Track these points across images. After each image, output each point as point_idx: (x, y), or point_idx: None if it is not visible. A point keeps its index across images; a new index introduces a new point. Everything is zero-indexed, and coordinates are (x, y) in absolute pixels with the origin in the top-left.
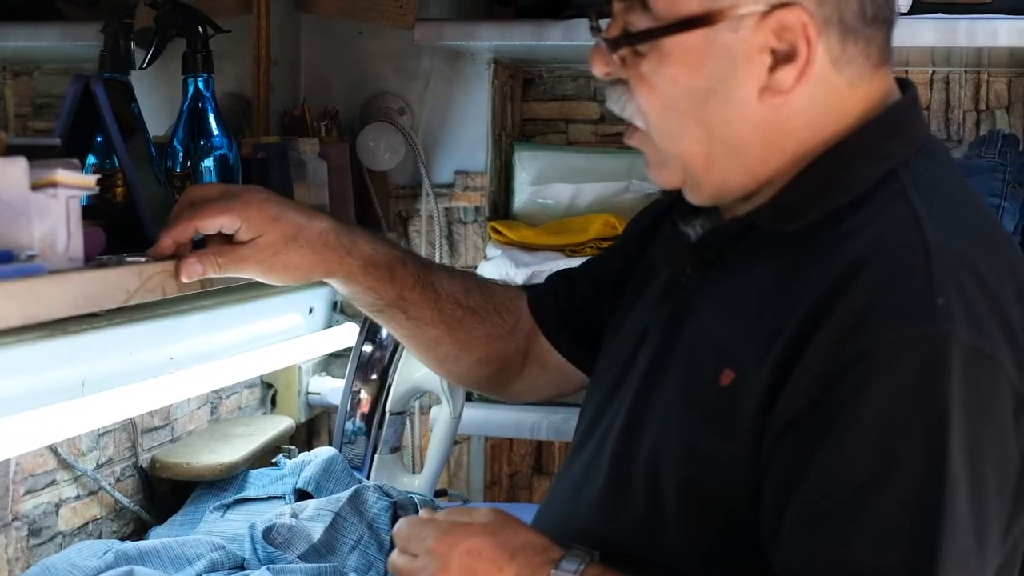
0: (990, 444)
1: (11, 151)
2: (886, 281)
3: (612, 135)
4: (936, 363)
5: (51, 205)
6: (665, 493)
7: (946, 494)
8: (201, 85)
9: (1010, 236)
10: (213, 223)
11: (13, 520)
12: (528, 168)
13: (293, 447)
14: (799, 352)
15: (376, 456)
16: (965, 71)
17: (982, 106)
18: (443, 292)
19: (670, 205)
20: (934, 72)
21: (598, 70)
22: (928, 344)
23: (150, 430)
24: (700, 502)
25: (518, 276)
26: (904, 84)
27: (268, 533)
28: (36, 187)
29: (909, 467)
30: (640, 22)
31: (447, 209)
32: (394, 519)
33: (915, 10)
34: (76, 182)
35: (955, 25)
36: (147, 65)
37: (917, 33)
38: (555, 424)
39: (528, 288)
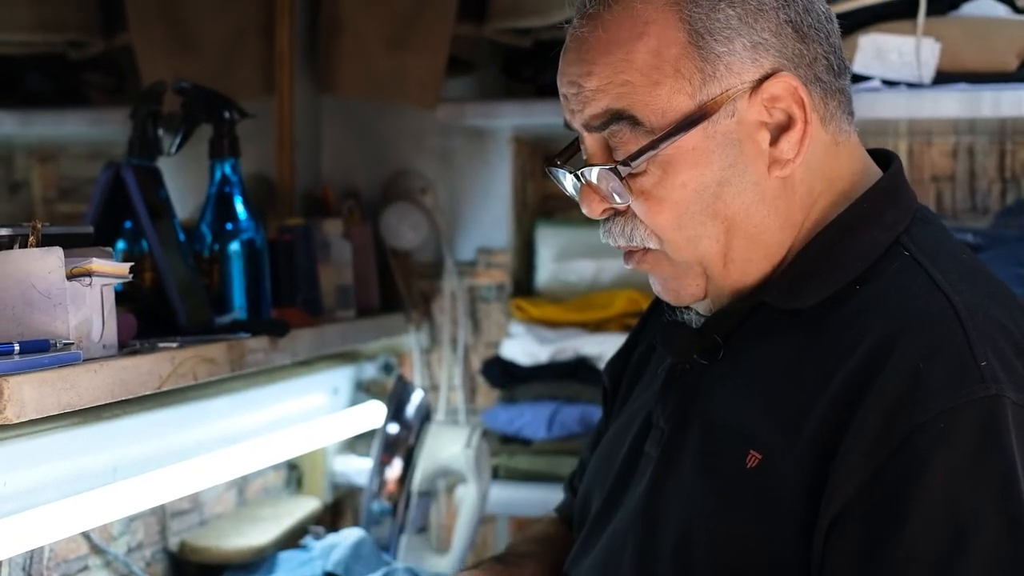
0: None
1: (46, 241)
2: (925, 351)
3: None
4: (993, 425)
5: (86, 294)
6: None
7: None
8: (228, 170)
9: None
10: None
11: None
12: (550, 245)
13: (321, 528)
14: (839, 432)
15: (404, 537)
16: (989, 140)
17: (1007, 175)
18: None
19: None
20: (957, 142)
21: (595, 211)
22: (982, 408)
23: (178, 513)
24: None
25: (542, 353)
26: (888, 154)
27: None
28: (72, 276)
29: (984, 537)
30: (631, 141)
31: (470, 287)
32: None
33: (939, 81)
34: (110, 270)
35: (979, 96)
36: (176, 151)
37: (941, 104)
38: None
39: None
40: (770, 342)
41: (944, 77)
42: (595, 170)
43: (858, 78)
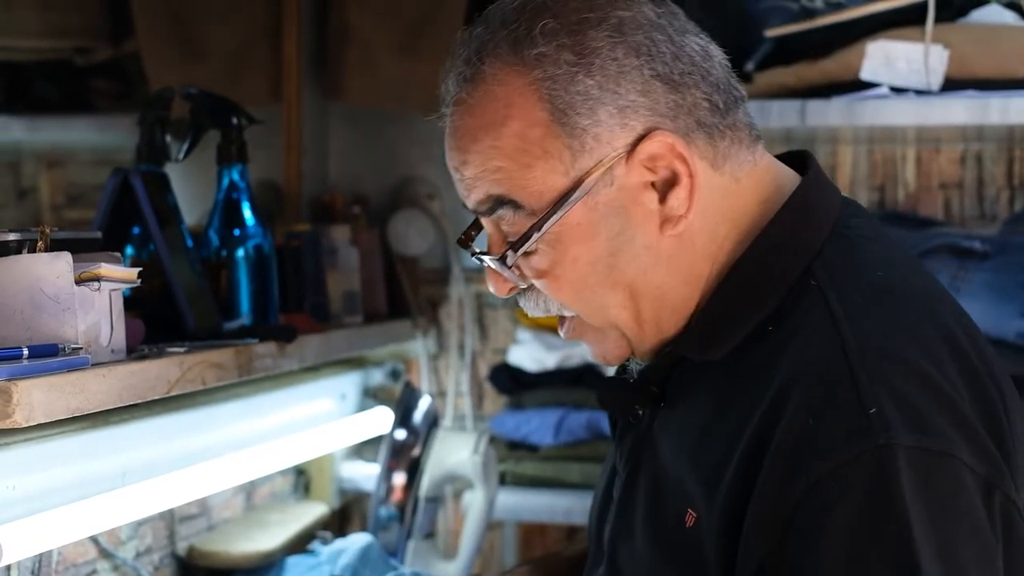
0: (965, 545)
1: (55, 246)
2: (814, 405)
3: None
4: (883, 479)
5: (95, 299)
6: None
7: None
8: (236, 176)
9: (948, 300)
10: None
11: None
12: None
13: (329, 533)
14: (746, 492)
15: (411, 542)
16: (998, 147)
17: (1016, 182)
18: None
19: None
20: (966, 149)
21: (501, 291)
22: (870, 461)
23: (187, 518)
24: None
25: (549, 360)
26: (803, 158)
27: None
28: (80, 281)
29: None
30: (517, 224)
31: (477, 293)
32: None
33: (947, 88)
34: (119, 275)
35: (988, 103)
36: (184, 158)
37: (950, 112)
38: (588, 509)
39: None
40: (695, 394)
41: (952, 84)
42: (489, 258)
43: (866, 85)
